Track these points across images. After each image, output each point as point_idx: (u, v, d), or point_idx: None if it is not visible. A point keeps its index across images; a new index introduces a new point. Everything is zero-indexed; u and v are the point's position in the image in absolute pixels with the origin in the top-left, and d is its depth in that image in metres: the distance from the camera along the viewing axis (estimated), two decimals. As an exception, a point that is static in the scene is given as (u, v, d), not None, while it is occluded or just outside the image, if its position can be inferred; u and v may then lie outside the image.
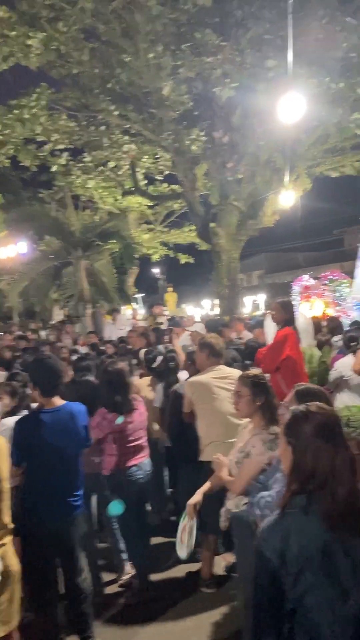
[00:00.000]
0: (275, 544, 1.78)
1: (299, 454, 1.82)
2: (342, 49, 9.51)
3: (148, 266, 26.16)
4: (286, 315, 5.13)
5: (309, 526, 1.76)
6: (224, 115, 11.83)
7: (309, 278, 11.67)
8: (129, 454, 4.28)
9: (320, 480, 1.77)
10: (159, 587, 4.44)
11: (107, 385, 4.30)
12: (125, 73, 10.41)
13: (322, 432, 1.80)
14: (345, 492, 1.74)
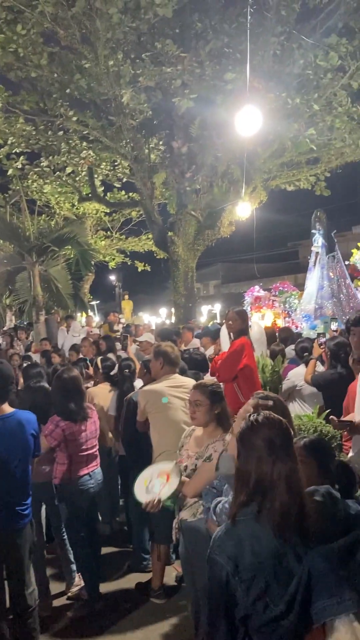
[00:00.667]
0: (228, 551, 1.79)
1: (243, 463, 1.84)
2: (298, 66, 9.74)
3: (104, 273, 26.00)
4: (242, 324, 5.18)
5: (261, 532, 1.78)
6: (182, 125, 11.93)
7: (260, 289, 11.87)
8: (81, 462, 4.21)
9: (262, 490, 1.79)
10: (109, 598, 4.37)
11: (61, 393, 4.22)
12: (85, 79, 10.35)
13: (267, 443, 1.82)
14: (284, 504, 1.77)
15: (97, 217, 19.99)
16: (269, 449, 1.81)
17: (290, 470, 1.80)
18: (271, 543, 1.76)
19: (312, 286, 11.26)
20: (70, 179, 15.99)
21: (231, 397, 4.90)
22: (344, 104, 10.20)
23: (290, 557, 1.76)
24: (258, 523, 1.79)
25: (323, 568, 1.72)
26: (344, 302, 10.75)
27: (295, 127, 10.19)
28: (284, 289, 11.80)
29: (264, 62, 9.99)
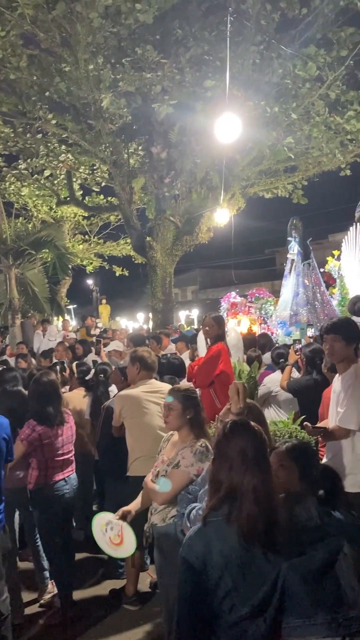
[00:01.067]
0: (198, 550, 1.82)
1: (216, 471, 1.86)
2: (277, 75, 9.83)
3: (82, 277, 25.87)
4: (219, 330, 5.19)
5: (230, 533, 1.80)
6: (162, 131, 11.95)
7: (237, 295, 11.96)
8: (57, 468, 4.18)
9: (232, 497, 1.81)
10: (82, 605, 4.33)
11: (39, 397, 4.18)
12: (64, 82, 10.30)
13: (239, 453, 1.83)
14: (251, 514, 1.79)
15: (75, 221, 19.89)
16: (241, 459, 1.83)
17: (259, 481, 1.81)
18: (239, 543, 1.79)
19: (288, 293, 11.38)
20: (49, 182, 15.90)
21: (208, 402, 4.91)
22: (321, 113, 10.33)
23: (260, 560, 1.77)
24: (227, 525, 1.81)
25: (298, 589, 1.73)
26: (318, 309, 10.87)
27: (274, 136, 10.29)
28: (260, 296, 11.92)
29: (244, 70, 10.06)
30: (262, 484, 1.81)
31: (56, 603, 4.27)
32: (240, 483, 1.81)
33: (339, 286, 12.22)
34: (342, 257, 12.57)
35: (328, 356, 3.76)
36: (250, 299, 11.84)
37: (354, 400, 3.46)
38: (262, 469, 1.84)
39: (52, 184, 16.12)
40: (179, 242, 13.24)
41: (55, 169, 14.16)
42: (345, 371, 3.60)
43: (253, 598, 1.74)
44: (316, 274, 11.28)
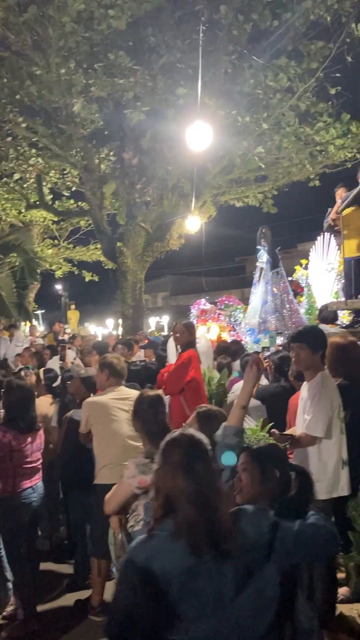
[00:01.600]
0: (138, 564, 1.77)
1: (157, 478, 1.84)
2: (249, 85, 9.94)
3: (50, 282, 25.58)
4: (190, 337, 5.19)
5: (175, 549, 1.76)
6: (134, 137, 11.95)
7: (206, 302, 12.04)
8: (25, 475, 4.10)
9: (171, 506, 1.78)
10: (46, 617, 4.24)
11: (19, 402, 4.11)
12: (35, 86, 10.20)
13: (179, 462, 1.82)
14: (192, 522, 1.76)
15: (45, 225, 19.68)
16: (181, 467, 1.81)
17: (198, 491, 1.78)
18: (185, 560, 1.74)
19: (256, 301, 11.50)
20: (18, 185, 15.69)
21: (177, 409, 4.91)
22: (291, 124, 10.48)
23: (204, 574, 1.74)
24: (172, 539, 1.78)
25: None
26: (286, 317, 11.04)
27: (245, 145, 10.39)
28: (230, 303, 12.04)
29: (215, 79, 10.15)
30: (200, 493, 1.78)
31: (19, 615, 4.16)
32: (179, 491, 1.78)
33: (306, 295, 12.42)
34: (310, 266, 12.77)
35: (295, 364, 3.80)
36: (220, 306, 11.93)
37: (320, 407, 3.50)
38: (201, 478, 1.80)
39: (22, 188, 15.91)
40: (149, 249, 13.24)
41: (25, 172, 14.00)
42: (311, 379, 3.63)
43: (200, 621, 1.71)
44: (284, 282, 11.45)
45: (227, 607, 1.75)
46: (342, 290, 8.38)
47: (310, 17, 9.83)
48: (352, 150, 11.38)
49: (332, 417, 3.53)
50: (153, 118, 10.18)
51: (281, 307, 11.14)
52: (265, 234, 11.61)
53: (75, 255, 21.24)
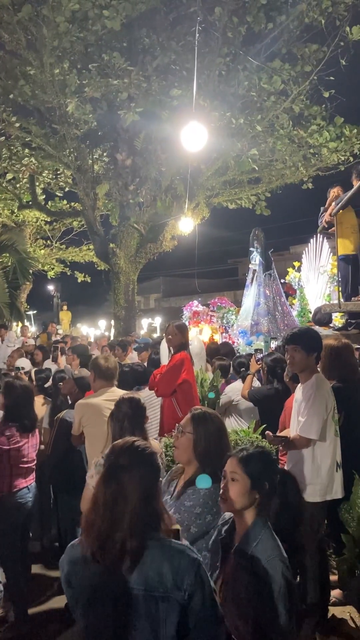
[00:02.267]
0: (65, 570, 1.81)
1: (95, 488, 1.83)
2: (243, 87, 9.96)
3: (43, 283, 25.49)
4: (182, 339, 5.16)
5: (86, 560, 1.74)
6: (127, 138, 11.94)
7: (199, 304, 12.03)
8: (21, 475, 4.08)
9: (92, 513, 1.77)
10: (37, 619, 4.21)
11: (20, 401, 4.09)
12: (29, 86, 10.16)
13: (106, 468, 1.80)
14: (101, 531, 1.72)
15: (37, 226, 19.62)
16: (107, 473, 1.79)
17: (113, 500, 1.73)
18: (92, 572, 1.72)
19: (249, 303, 11.51)
20: (11, 185, 15.63)
21: (169, 411, 4.89)
22: (285, 126, 10.51)
23: (106, 588, 1.71)
24: (82, 548, 1.77)
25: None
26: (279, 319, 11.05)
27: (239, 147, 10.40)
28: (222, 305, 12.04)
29: (210, 81, 10.16)
30: (114, 501, 1.72)
31: (10, 617, 4.14)
32: (97, 497, 1.76)
33: (298, 297, 12.45)
34: (302, 269, 12.81)
35: (289, 366, 3.79)
36: (213, 308, 11.92)
37: (314, 410, 3.49)
38: (120, 489, 1.74)
39: (15, 188, 15.85)
40: (142, 250, 13.22)
41: (17, 172, 13.94)
42: (306, 381, 3.63)
43: (106, 628, 1.69)
44: (277, 284, 11.47)
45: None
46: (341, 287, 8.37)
47: (305, 20, 9.86)
48: (345, 153, 11.41)
49: (326, 420, 3.52)
50: (147, 119, 10.17)
51: (274, 309, 11.16)
52: (258, 236, 11.63)
53: (68, 256, 21.18)
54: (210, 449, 2.55)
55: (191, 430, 2.62)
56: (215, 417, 2.70)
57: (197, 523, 2.36)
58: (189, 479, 2.58)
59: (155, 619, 1.65)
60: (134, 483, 1.73)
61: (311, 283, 12.60)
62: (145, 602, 1.64)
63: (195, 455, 2.58)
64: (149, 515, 1.71)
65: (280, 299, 11.30)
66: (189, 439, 2.61)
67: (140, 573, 1.66)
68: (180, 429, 2.68)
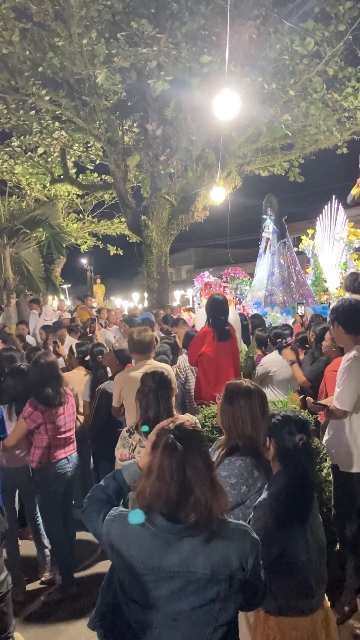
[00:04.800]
0: (105, 537, 1.87)
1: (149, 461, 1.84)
2: (275, 50, 9.69)
3: (76, 256, 25.71)
4: (208, 312, 5.22)
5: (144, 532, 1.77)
6: (157, 107, 11.79)
7: (210, 275, 11.77)
8: (59, 446, 4.20)
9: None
10: (83, 583, 4.38)
11: (39, 378, 4.18)
12: (58, 57, 10.10)
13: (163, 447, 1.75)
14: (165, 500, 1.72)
15: (69, 200, 19.69)
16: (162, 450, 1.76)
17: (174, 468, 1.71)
18: (150, 542, 1.75)
19: (262, 273, 11.17)
20: (42, 159, 15.70)
21: (197, 380, 5.06)
22: (319, 90, 10.22)
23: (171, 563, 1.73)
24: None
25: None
26: (294, 290, 10.69)
27: (271, 113, 10.18)
28: (236, 276, 11.69)
29: (240, 45, 9.90)
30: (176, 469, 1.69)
31: (57, 580, 4.31)
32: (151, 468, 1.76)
33: (312, 265, 12.13)
34: (316, 237, 12.47)
35: (332, 341, 3.69)
36: (226, 279, 11.62)
37: (349, 382, 3.47)
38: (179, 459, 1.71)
39: (46, 162, 15.91)
40: (174, 221, 13.16)
41: (48, 146, 13.96)
42: (348, 351, 3.58)
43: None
44: (292, 253, 11.09)
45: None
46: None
47: (339, -24, 9.48)
48: (381, 115, 11.07)
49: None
50: (177, 87, 10.01)
51: (288, 279, 10.81)
52: (272, 202, 11.23)
53: (100, 229, 21.25)
54: (237, 423, 2.55)
55: (220, 402, 2.66)
56: (255, 388, 2.68)
57: (231, 493, 2.40)
58: (226, 450, 2.62)
59: (216, 598, 1.67)
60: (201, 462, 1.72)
61: (326, 251, 12.32)
62: (208, 584, 1.66)
63: (223, 427, 2.62)
64: (213, 494, 1.71)
65: (295, 267, 10.96)
66: (218, 411, 2.66)
67: (206, 557, 1.66)
68: (218, 399, 2.72)
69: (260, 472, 2.44)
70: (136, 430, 3.22)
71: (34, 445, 4.13)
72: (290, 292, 10.60)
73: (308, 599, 2.18)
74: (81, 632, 3.79)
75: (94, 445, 5.13)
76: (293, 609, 2.17)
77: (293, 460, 2.24)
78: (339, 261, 12.04)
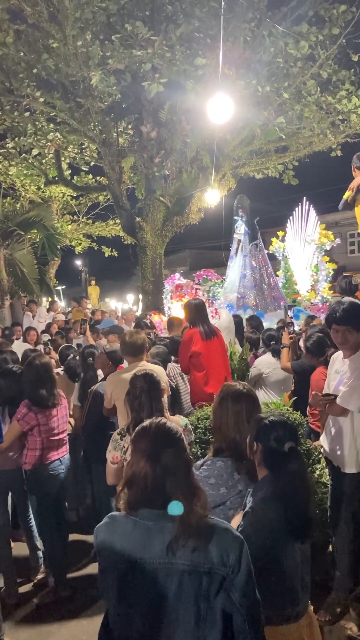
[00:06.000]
0: (98, 542, 1.88)
1: (129, 466, 1.86)
2: (269, 53, 9.72)
3: (70, 258, 25.68)
4: (192, 315, 5.25)
5: (130, 532, 1.81)
6: (152, 109, 11.79)
7: (181, 277, 11.63)
8: (52, 448, 4.21)
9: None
10: (76, 585, 4.38)
11: (33, 379, 4.18)
12: (52, 59, 10.09)
13: (148, 448, 1.79)
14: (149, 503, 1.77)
15: (64, 201, 19.69)
16: (147, 454, 1.78)
17: (163, 477, 1.75)
18: (135, 541, 1.79)
19: (234, 275, 11.04)
20: (37, 161, 15.68)
21: (191, 383, 5.10)
22: (313, 93, 10.26)
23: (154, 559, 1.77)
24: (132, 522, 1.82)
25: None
26: (266, 292, 10.55)
27: (265, 115, 10.20)
28: (208, 277, 11.52)
29: (235, 48, 9.92)
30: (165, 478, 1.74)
31: (50, 582, 4.31)
32: (142, 476, 1.76)
33: (283, 268, 12.08)
34: (287, 238, 12.43)
35: (340, 344, 3.64)
36: (198, 280, 11.46)
37: (358, 382, 3.46)
38: (166, 465, 1.75)
39: (41, 163, 15.90)
40: (169, 223, 13.16)
41: (43, 147, 13.95)
42: (353, 354, 3.56)
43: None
44: (263, 255, 10.99)
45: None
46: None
47: (332, -21, 9.54)
48: (375, 118, 11.11)
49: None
50: (171, 89, 10.02)
51: (260, 281, 10.68)
52: (243, 203, 11.15)
53: (95, 231, 21.25)
54: (222, 426, 2.58)
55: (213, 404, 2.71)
56: (248, 390, 2.70)
57: (210, 494, 2.41)
58: (212, 451, 2.66)
59: (198, 593, 1.68)
60: (178, 459, 1.76)
61: (296, 253, 12.29)
62: (189, 577, 1.68)
63: (212, 428, 2.66)
64: (191, 491, 1.74)
65: (267, 270, 10.82)
66: (211, 413, 2.70)
67: (185, 548, 1.68)
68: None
69: (242, 475, 2.47)
70: (127, 433, 3.22)
71: (27, 447, 4.13)
72: (262, 295, 10.45)
73: (294, 606, 2.19)
74: (74, 635, 3.79)
75: (87, 447, 5.13)
76: (281, 617, 2.18)
77: (281, 467, 2.21)
78: (310, 263, 12.02)
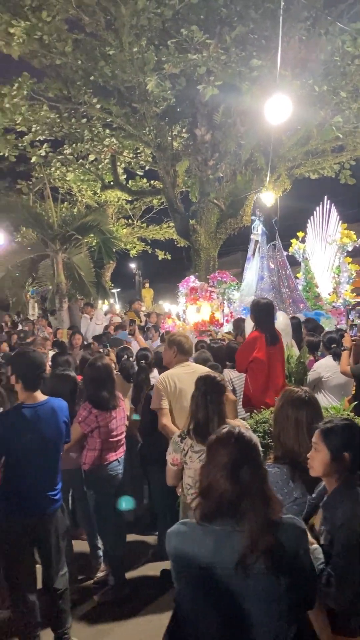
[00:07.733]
0: (170, 549, 1.88)
1: (204, 475, 1.86)
2: (325, 52, 9.57)
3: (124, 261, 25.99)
4: (255, 317, 5.19)
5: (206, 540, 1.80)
6: (206, 113, 11.84)
7: (195, 279, 11.23)
8: (111, 449, 4.27)
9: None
10: (135, 584, 4.43)
11: (94, 381, 4.26)
12: (109, 66, 10.29)
13: (227, 463, 1.77)
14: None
15: (119, 205, 19.97)
16: (225, 469, 1.77)
17: (240, 493, 1.75)
18: (209, 548, 1.78)
19: (251, 277, 10.62)
20: (93, 166, 15.99)
21: (246, 386, 5.02)
22: (371, 90, 10.04)
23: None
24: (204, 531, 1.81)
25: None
26: (285, 295, 10.10)
27: (322, 115, 10.06)
28: (223, 280, 11.05)
29: (290, 48, 9.82)
30: (242, 494, 1.73)
31: (109, 581, 4.37)
32: (220, 491, 1.75)
33: (303, 270, 11.55)
34: (307, 239, 11.95)
35: None
36: (212, 283, 10.96)
37: None
38: (244, 480, 1.73)
39: (97, 169, 16.20)
40: (223, 225, 13.14)
41: (99, 153, 14.23)
42: None
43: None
44: (282, 256, 10.46)
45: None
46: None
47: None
48: None
49: None
50: (226, 92, 10.02)
51: (279, 283, 10.17)
52: (261, 203, 10.75)
53: (149, 234, 21.44)
54: (281, 433, 2.65)
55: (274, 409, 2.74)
56: (295, 402, 2.68)
57: None
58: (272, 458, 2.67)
59: (275, 593, 1.68)
60: (255, 472, 1.77)
61: (317, 254, 11.82)
62: (265, 578, 1.67)
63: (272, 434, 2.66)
64: (265, 502, 1.74)
65: (285, 272, 10.32)
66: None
67: (257, 558, 1.67)
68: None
69: (297, 484, 2.44)
70: (187, 435, 3.24)
71: (87, 448, 4.21)
72: (281, 298, 9.97)
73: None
74: (131, 635, 3.83)
75: (143, 448, 5.18)
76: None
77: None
78: (332, 265, 11.58)
